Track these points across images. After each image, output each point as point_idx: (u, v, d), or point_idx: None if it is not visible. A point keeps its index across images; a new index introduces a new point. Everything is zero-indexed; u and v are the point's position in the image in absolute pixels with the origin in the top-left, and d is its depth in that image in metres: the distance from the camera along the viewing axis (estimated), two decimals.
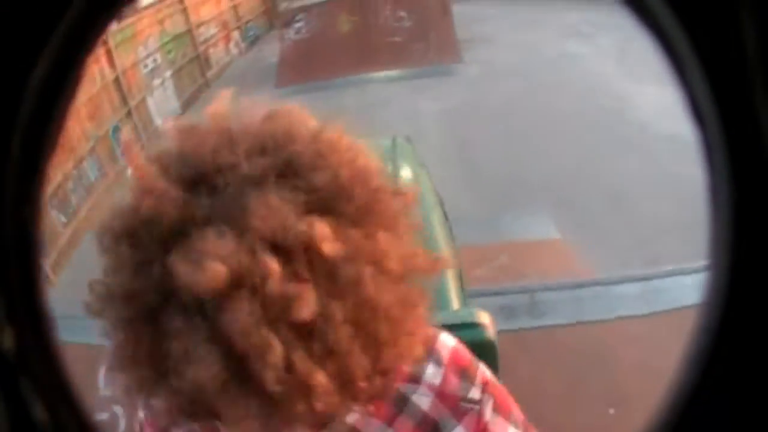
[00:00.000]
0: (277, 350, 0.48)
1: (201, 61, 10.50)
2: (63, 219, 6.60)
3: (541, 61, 8.43)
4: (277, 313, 0.48)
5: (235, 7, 12.52)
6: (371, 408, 0.65)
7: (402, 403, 0.72)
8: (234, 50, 12.08)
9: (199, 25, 10.57)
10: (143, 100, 8.79)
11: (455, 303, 1.63)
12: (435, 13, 9.51)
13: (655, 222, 4.74)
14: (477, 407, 0.74)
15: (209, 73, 10.69)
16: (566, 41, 9.17)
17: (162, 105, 9.22)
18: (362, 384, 0.53)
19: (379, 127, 7.38)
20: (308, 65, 9.34)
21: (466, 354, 0.78)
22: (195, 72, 10.32)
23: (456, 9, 10.03)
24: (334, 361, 0.50)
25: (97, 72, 7.80)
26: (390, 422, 0.72)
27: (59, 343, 0.35)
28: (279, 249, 0.50)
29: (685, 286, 3.30)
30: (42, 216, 0.33)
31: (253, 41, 12.93)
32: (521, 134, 6.62)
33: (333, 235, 0.52)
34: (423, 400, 0.72)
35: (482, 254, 4.72)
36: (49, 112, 0.31)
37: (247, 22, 12.99)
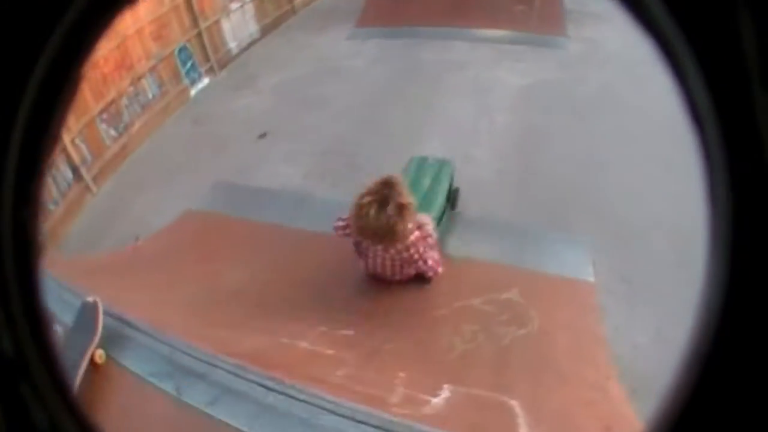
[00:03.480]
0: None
1: None
2: (113, 133, 6.51)
3: (652, 55, 7.06)
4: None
5: None
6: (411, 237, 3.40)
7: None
8: None
9: None
10: (217, 22, 8.36)
11: None
12: None
13: None
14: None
15: (298, 0, 10.06)
16: None
17: (239, 29, 8.81)
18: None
19: (444, 95, 6.55)
20: (395, 8, 8.52)
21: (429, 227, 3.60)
22: None
23: None
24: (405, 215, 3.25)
25: None
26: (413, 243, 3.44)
27: (58, 344, 0.37)
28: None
29: None
30: (41, 218, 0.33)
31: None
32: (601, 139, 5.56)
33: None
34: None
35: (492, 278, 3.94)
36: (49, 113, 0.32)
37: None
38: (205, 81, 8.09)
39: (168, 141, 6.85)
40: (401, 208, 3.22)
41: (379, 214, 3.21)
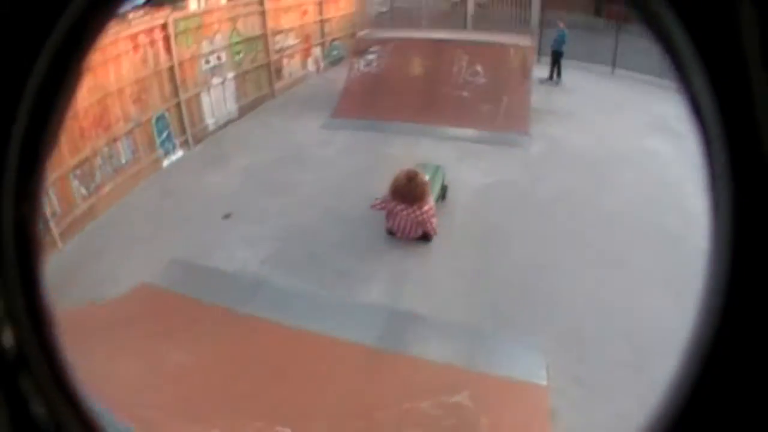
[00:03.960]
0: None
1: (271, 70, 10.26)
2: (84, 192, 6.53)
3: (614, 153, 7.43)
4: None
5: (322, 22, 11.91)
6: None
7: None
8: (311, 67, 11.66)
9: (276, 33, 10.28)
10: (197, 96, 8.61)
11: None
12: (514, 75, 8.80)
13: None
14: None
15: (278, 85, 10.47)
16: (649, 134, 8.10)
17: (218, 105, 9.04)
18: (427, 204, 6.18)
19: None
20: (369, 101, 8.88)
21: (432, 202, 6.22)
22: (262, 79, 10.09)
23: (539, 72, 9.27)
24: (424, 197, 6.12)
25: (150, 55, 7.67)
26: (427, 210, 6.00)
27: (59, 340, 0.36)
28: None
29: None
30: (41, 215, 0.35)
31: (334, 61, 12.18)
32: (557, 241, 5.75)
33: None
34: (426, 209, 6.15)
35: (443, 380, 3.94)
36: (49, 112, 0.32)
37: (333, 40, 12.35)
38: (179, 153, 8.21)
39: (134, 209, 6.87)
40: (424, 183, 5.89)
41: (410, 184, 5.81)
